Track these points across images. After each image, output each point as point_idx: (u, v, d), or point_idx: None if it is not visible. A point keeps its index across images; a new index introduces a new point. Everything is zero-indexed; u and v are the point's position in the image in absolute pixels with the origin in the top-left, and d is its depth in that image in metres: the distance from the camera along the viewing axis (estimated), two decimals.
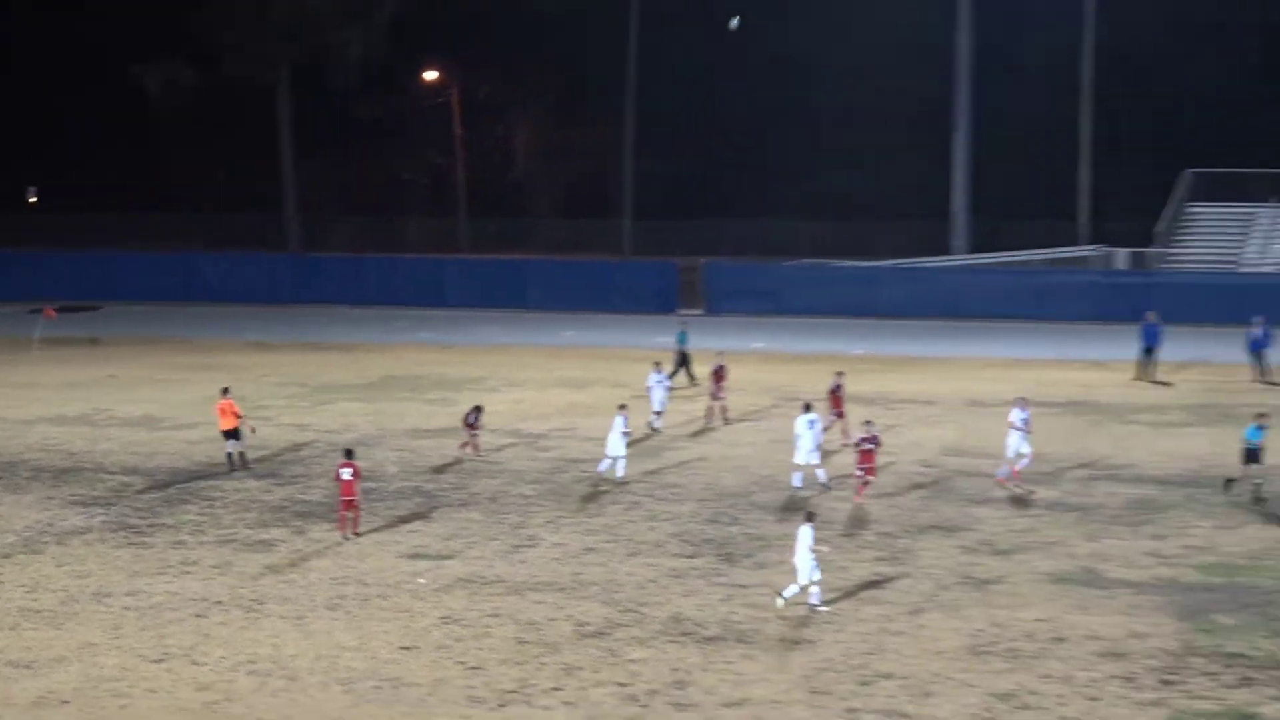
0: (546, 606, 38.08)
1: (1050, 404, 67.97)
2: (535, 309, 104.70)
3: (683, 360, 72.34)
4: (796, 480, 50.70)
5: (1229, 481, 49.97)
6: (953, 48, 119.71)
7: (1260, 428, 49.74)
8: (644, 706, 31.56)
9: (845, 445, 55.70)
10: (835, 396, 58.10)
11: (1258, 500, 48.65)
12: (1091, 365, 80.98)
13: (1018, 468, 51.06)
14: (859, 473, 48.24)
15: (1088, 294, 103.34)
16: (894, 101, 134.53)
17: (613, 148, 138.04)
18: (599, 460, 52.21)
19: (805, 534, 37.32)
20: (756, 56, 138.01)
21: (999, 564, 41.90)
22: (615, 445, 51.91)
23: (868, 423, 49.23)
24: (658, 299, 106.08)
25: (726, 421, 62.43)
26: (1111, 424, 63.60)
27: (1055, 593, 39.24)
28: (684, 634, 35.93)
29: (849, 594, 38.71)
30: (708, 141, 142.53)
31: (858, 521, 46.40)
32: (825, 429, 54.15)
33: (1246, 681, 32.76)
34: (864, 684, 32.71)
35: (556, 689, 32.56)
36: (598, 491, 50.55)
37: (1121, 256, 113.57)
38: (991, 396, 69.75)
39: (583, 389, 72.08)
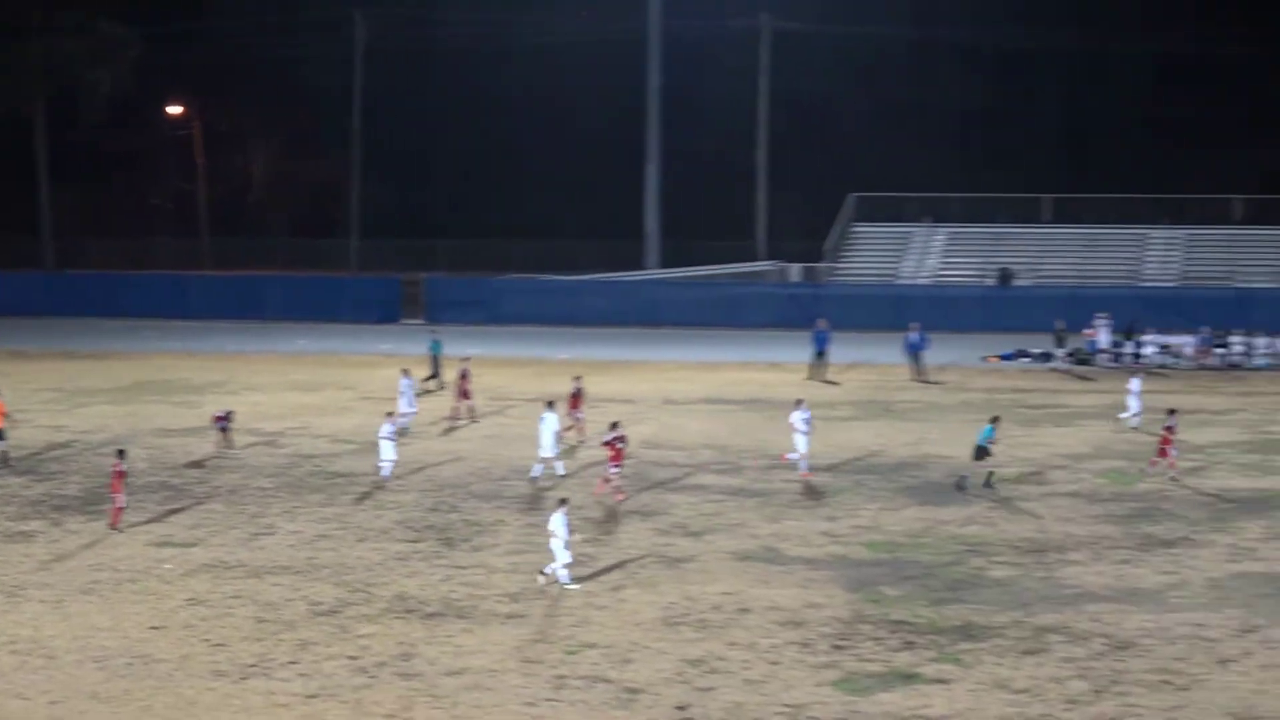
0: (283, 588, 37.54)
1: (735, 401, 68.57)
2: (272, 319, 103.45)
3: (435, 366, 71.88)
4: (536, 471, 50.42)
5: (989, 479, 50.34)
6: (644, 87, 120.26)
7: (993, 428, 50.37)
8: (373, 677, 31.17)
9: (583, 443, 55.84)
10: (574, 398, 57.95)
11: (987, 485, 49.19)
12: (770, 367, 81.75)
13: (803, 466, 51.22)
14: (613, 470, 47.68)
15: (766, 304, 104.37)
16: (594, 134, 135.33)
17: (342, 174, 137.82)
18: (389, 462, 51.21)
19: (558, 520, 37.19)
20: (472, 92, 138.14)
21: (690, 544, 42.00)
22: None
23: (615, 424, 48.77)
24: (382, 310, 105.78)
25: (474, 420, 61.98)
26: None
27: (740, 569, 39.41)
28: (408, 611, 35.57)
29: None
30: (428, 168, 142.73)
31: (610, 513, 46.21)
32: (566, 429, 54.15)
33: (909, 645, 33.10)
34: (571, 653, 32.58)
35: (293, 662, 32.06)
36: (329, 483, 50.01)
37: (795, 270, 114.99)
38: (683, 395, 70.30)
39: (314, 392, 71.37)
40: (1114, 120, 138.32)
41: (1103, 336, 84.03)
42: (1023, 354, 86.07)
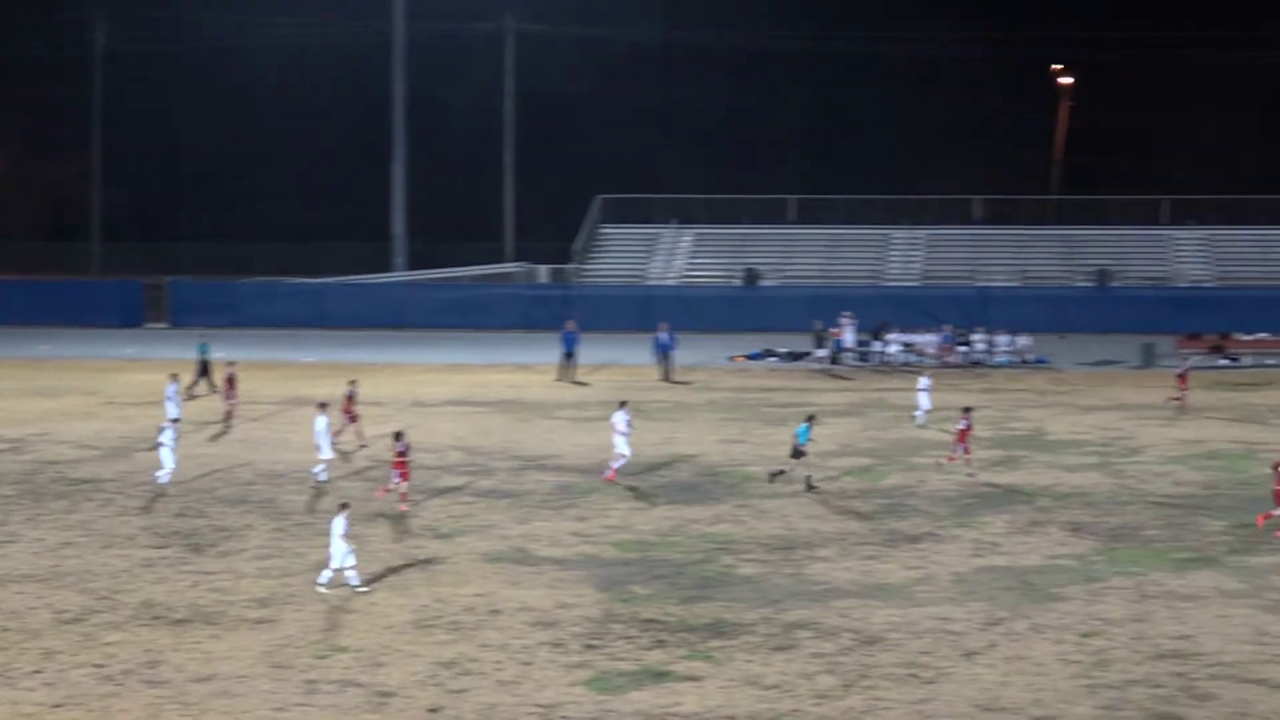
0: (27, 596, 36.72)
1: (483, 403, 68.46)
2: (12, 325, 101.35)
3: (204, 369, 70.86)
4: (317, 471, 49.99)
5: (775, 474, 50.46)
6: (390, 88, 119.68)
7: (809, 427, 50.66)
8: (119, 685, 30.61)
9: (362, 446, 55.62)
10: (349, 401, 57.43)
11: (810, 488, 49.42)
12: (519, 369, 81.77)
13: (615, 466, 51.14)
14: (396, 480, 47.07)
15: (514, 305, 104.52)
16: (341, 136, 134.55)
17: (82, 177, 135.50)
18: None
19: (339, 523, 36.80)
20: (215, 95, 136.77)
21: (441, 546, 41.82)
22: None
23: (399, 434, 48.08)
24: (125, 314, 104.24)
25: (228, 426, 61.23)
26: (537, 420, 64.21)
27: (491, 570, 39.31)
28: (155, 618, 35.00)
29: (306, 576, 38.20)
30: (171, 171, 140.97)
31: (396, 519, 45.78)
32: (338, 432, 53.72)
33: (660, 643, 33.23)
34: (321, 657, 32.28)
35: (37, 671, 31.38)
36: (73, 490, 49.07)
37: (543, 272, 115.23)
38: (431, 398, 70.06)
39: (57, 397, 70.05)
40: (857, 122, 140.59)
41: (848, 336, 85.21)
42: (770, 354, 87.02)
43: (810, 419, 51.20)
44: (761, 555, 40.83)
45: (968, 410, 53.27)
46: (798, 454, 49.84)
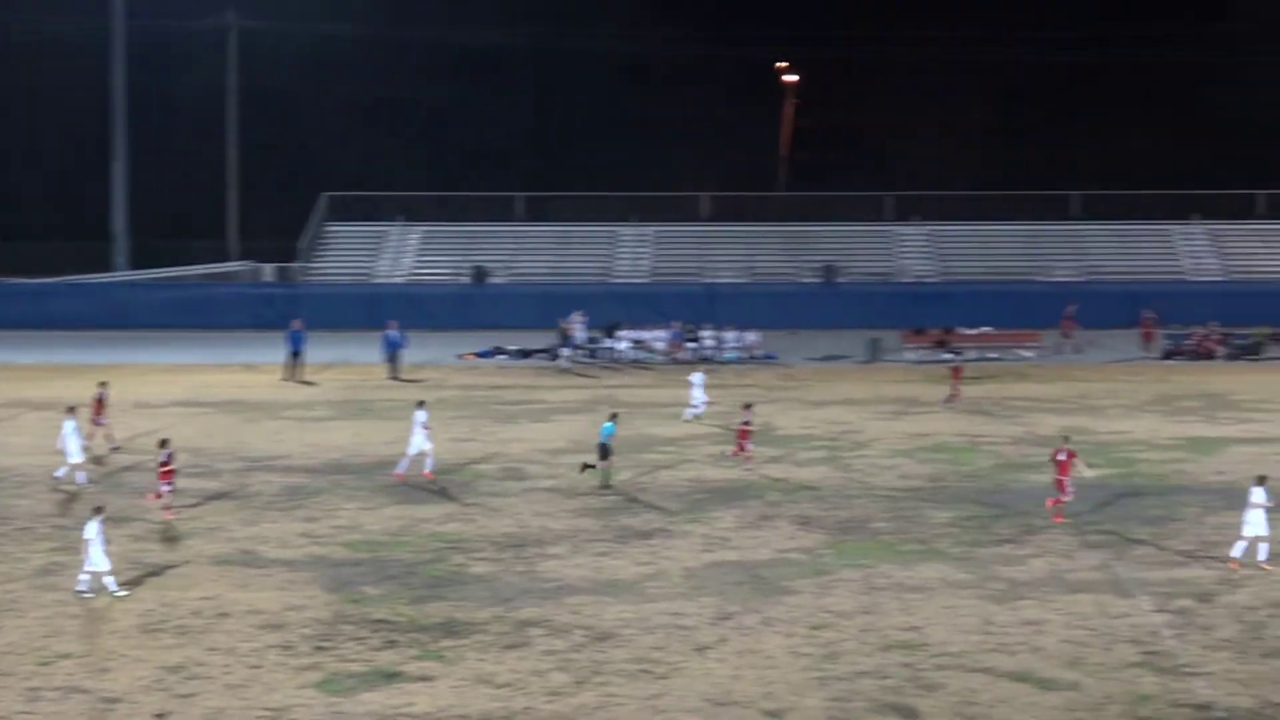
0: None
1: (209, 404, 67.58)
2: None
3: None
4: (60, 474, 48.94)
5: (586, 467, 50.21)
6: (111, 85, 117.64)
7: (613, 425, 50.40)
8: None
9: (115, 450, 54.74)
10: (98, 404, 56.10)
11: (604, 487, 49.28)
12: (245, 369, 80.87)
13: (427, 470, 50.50)
14: (164, 488, 45.92)
15: (240, 305, 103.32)
16: (60, 134, 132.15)
17: None
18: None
19: (93, 527, 35.98)
20: None
21: (167, 550, 41.20)
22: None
23: (164, 441, 46.89)
24: None
25: None
26: (264, 420, 63.53)
27: (219, 573, 38.81)
28: None
29: (29, 582, 37.43)
30: None
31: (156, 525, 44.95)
32: (89, 436, 52.65)
33: (391, 644, 33.07)
34: (44, 664, 31.63)
35: None
36: None
37: (269, 270, 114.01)
38: (156, 399, 68.96)
39: None
40: (585, 120, 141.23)
41: (579, 333, 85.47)
42: (499, 351, 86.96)
43: (614, 416, 51.30)
44: (493, 554, 40.79)
45: (748, 406, 53.88)
46: (605, 453, 49.83)
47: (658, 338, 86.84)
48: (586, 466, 50.17)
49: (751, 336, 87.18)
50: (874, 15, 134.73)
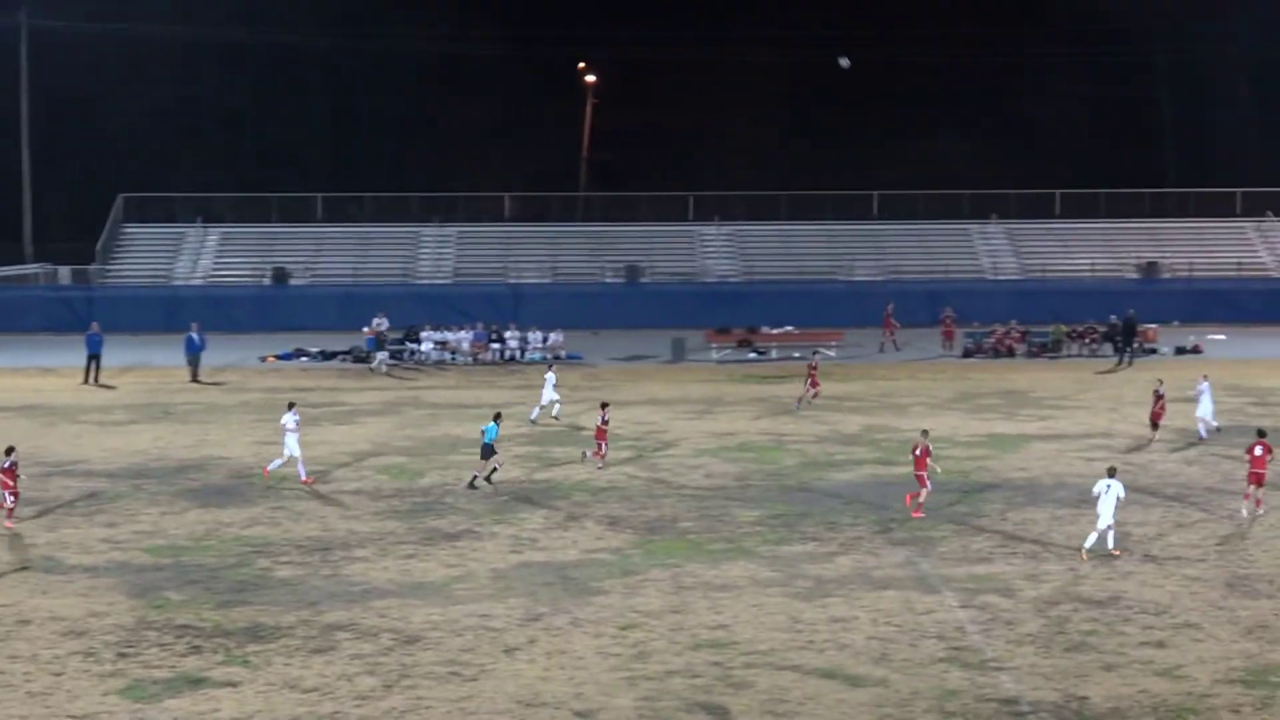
0: None
1: (6, 409, 66.53)
2: None
3: None
4: None
5: (476, 477, 49.81)
6: None
7: (497, 425, 49.95)
8: None
9: None
10: None
11: (488, 480, 49.11)
12: (43, 372, 79.69)
13: (273, 466, 50.30)
14: (10, 500, 44.83)
15: (36, 308, 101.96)
16: None
17: None
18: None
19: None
20: None
21: None
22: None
23: (10, 449, 45.81)
24: None
25: None
26: (63, 424, 62.63)
27: (18, 580, 38.21)
28: None
29: None
30: None
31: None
32: None
33: (196, 649, 32.73)
34: None
35: None
36: None
37: (65, 273, 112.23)
38: None
39: None
40: (385, 120, 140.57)
41: (388, 335, 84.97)
42: (301, 353, 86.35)
43: (497, 417, 51.03)
44: (298, 557, 40.50)
45: (605, 405, 53.88)
46: (488, 454, 49.55)
47: (462, 339, 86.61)
48: (473, 486, 49.81)
49: (556, 337, 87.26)
50: (675, 16, 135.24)
